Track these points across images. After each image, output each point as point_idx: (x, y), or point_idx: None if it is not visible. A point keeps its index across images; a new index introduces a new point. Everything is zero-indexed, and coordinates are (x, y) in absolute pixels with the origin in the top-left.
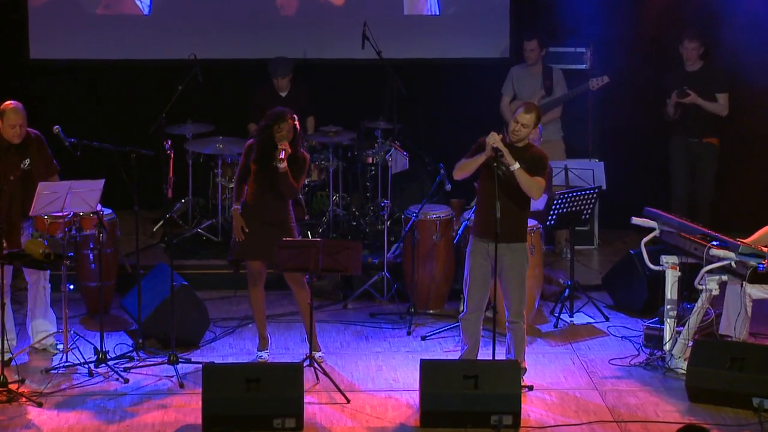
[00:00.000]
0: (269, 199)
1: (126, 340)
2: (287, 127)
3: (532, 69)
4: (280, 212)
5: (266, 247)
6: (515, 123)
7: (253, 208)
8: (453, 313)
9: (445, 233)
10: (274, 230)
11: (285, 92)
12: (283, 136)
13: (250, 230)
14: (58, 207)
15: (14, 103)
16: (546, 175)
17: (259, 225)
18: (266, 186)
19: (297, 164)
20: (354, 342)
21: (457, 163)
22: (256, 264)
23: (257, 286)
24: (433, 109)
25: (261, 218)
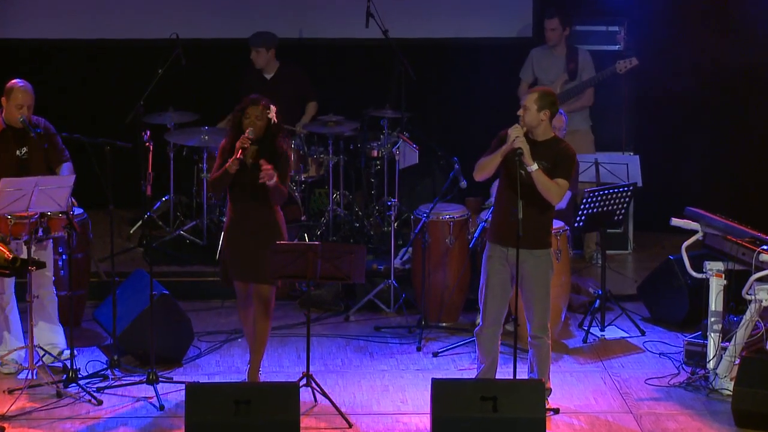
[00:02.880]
0: (251, 205)
1: (99, 356)
2: (255, 113)
3: (555, 51)
4: (267, 217)
5: (253, 264)
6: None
7: (235, 217)
8: (468, 326)
9: (460, 236)
10: (262, 240)
11: (270, 74)
12: (250, 122)
13: (236, 246)
14: (23, 206)
15: (22, 82)
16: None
17: (244, 238)
18: (246, 189)
19: (277, 161)
20: (357, 359)
21: (477, 162)
22: (241, 285)
23: (248, 308)
24: (445, 96)
25: (245, 228)
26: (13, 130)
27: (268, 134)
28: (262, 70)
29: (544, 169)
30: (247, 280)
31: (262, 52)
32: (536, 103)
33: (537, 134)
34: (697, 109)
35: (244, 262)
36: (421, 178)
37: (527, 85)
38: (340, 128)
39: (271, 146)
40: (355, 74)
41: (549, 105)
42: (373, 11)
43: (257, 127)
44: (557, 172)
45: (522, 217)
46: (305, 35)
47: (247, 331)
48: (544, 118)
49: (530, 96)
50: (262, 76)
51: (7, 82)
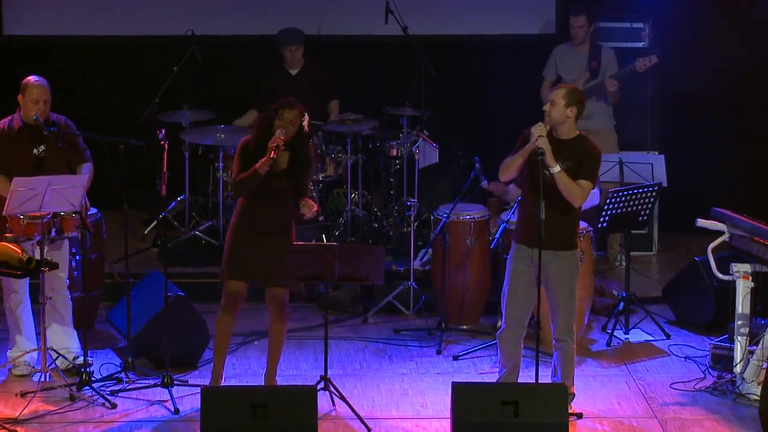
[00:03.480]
0: (269, 206)
1: (113, 358)
2: (291, 116)
3: (578, 48)
4: (282, 219)
5: (268, 267)
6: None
7: (248, 217)
8: (489, 329)
9: (481, 237)
10: (278, 243)
11: (296, 70)
12: (283, 125)
13: (248, 246)
14: (35, 206)
15: (37, 78)
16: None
17: (260, 239)
18: (267, 191)
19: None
20: (375, 362)
21: (502, 163)
22: (237, 285)
23: (231, 314)
24: (466, 94)
25: (258, 229)
26: (30, 128)
27: (298, 141)
28: (287, 67)
29: (567, 169)
30: (259, 281)
31: (300, 49)
32: (564, 98)
33: (561, 132)
34: (724, 107)
35: (257, 264)
36: (441, 177)
37: (550, 84)
38: (358, 127)
39: (302, 154)
40: (374, 72)
41: (576, 102)
42: (393, 7)
43: (289, 131)
44: (581, 173)
45: (545, 217)
46: (323, 32)
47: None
48: (570, 115)
49: (558, 91)
50: (287, 72)
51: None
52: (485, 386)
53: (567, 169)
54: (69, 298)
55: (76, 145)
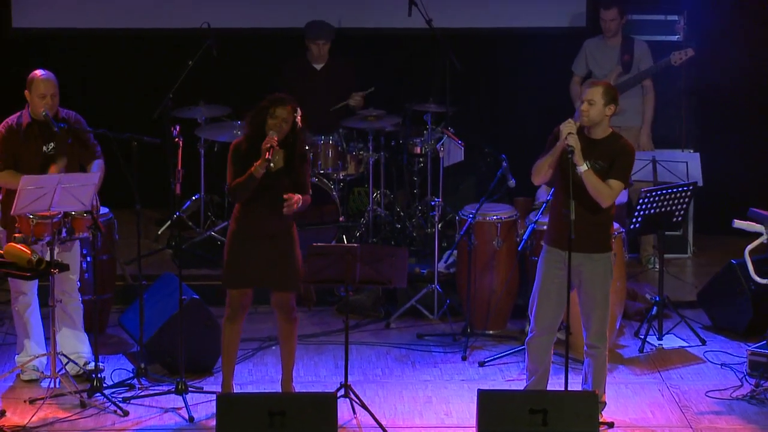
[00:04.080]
0: (269, 208)
1: (125, 364)
2: (284, 114)
3: (610, 41)
4: (283, 220)
5: (273, 271)
6: (582, 102)
7: (245, 220)
8: (517, 334)
9: (508, 238)
10: (281, 246)
11: (320, 65)
12: (275, 124)
13: (250, 251)
14: (44, 205)
15: (44, 72)
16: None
17: (261, 243)
18: (266, 193)
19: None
20: (398, 368)
21: (534, 165)
22: (241, 292)
23: (237, 321)
24: (493, 89)
25: (262, 233)
26: (39, 125)
27: (292, 138)
28: (312, 61)
29: (600, 169)
30: (264, 286)
31: (328, 44)
32: (603, 97)
33: (595, 131)
34: (763, 103)
35: (259, 268)
36: (466, 176)
37: (580, 80)
38: (380, 123)
39: (296, 151)
40: (397, 66)
41: (613, 100)
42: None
43: (282, 130)
44: (612, 173)
45: (575, 218)
46: (345, 24)
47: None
48: (608, 114)
49: (595, 89)
50: (312, 67)
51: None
52: (512, 394)
53: (600, 169)
54: (80, 301)
55: (87, 141)
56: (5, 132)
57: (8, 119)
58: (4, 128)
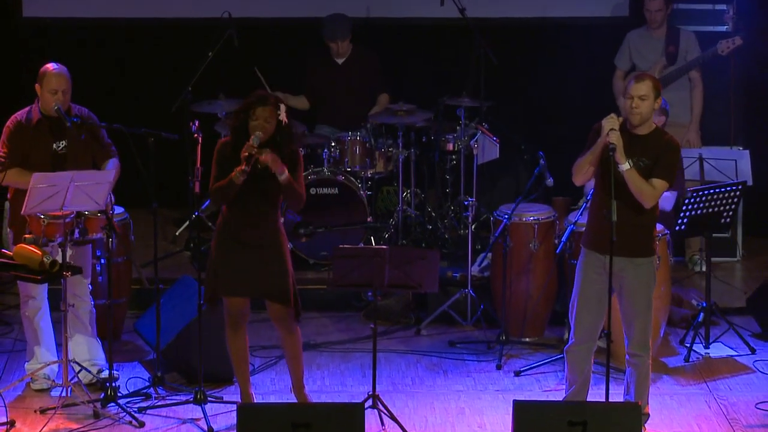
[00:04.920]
0: (256, 212)
1: (141, 372)
2: (264, 114)
3: (655, 33)
4: (268, 230)
5: (250, 277)
6: (631, 99)
7: (231, 226)
8: (555, 342)
9: (546, 240)
10: (270, 252)
11: (343, 59)
12: (257, 125)
13: (229, 256)
14: (57, 204)
15: (56, 65)
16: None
17: (240, 248)
18: (252, 195)
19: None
20: (429, 377)
21: (574, 164)
22: (237, 301)
23: (238, 330)
24: (530, 83)
25: (242, 238)
26: (50, 121)
27: (279, 137)
28: (334, 55)
29: (644, 167)
30: (254, 296)
31: (346, 41)
32: (653, 91)
33: (640, 127)
34: None
35: (249, 277)
36: (502, 174)
37: (623, 74)
38: (411, 118)
39: (284, 150)
40: (428, 58)
41: (659, 93)
42: None
43: (266, 130)
44: (656, 171)
45: (617, 219)
46: (373, 14)
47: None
48: (656, 108)
49: (644, 84)
50: (334, 61)
51: (38, 67)
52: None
53: (643, 167)
54: (93, 305)
55: (101, 138)
56: (13, 128)
57: (17, 114)
58: (12, 123)
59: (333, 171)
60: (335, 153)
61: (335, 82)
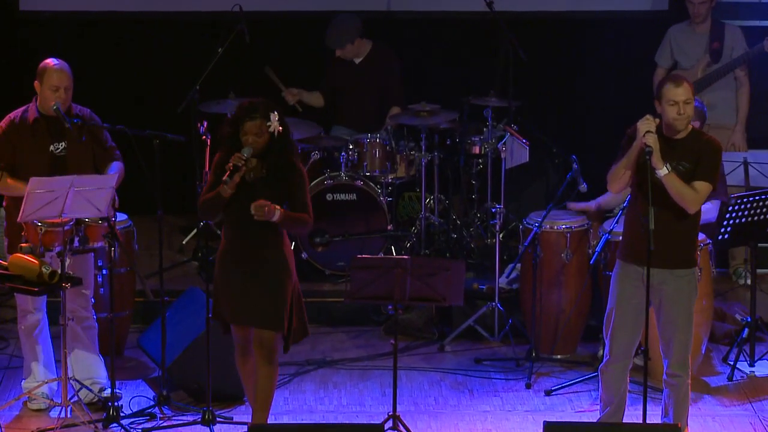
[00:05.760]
0: (253, 227)
1: (145, 391)
2: (254, 129)
3: (698, 28)
4: (270, 248)
5: (253, 305)
6: (676, 105)
7: (230, 245)
8: (588, 359)
9: (579, 250)
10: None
11: (360, 58)
12: (248, 140)
13: (231, 281)
14: (55, 211)
15: (56, 61)
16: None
17: (242, 272)
18: (246, 211)
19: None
20: (454, 397)
21: (609, 172)
22: (238, 327)
23: (247, 354)
24: (562, 82)
25: (243, 259)
26: (47, 120)
27: (274, 147)
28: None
29: (684, 171)
30: (244, 323)
31: (348, 47)
32: (693, 92)
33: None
34: None
35: (241, 302)
36: (532, 179)
37: (665, 72)
38: (434, 119)
39: (279, 159)
40: (453, 55)
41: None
42: None
43: (257, 144)
44: (698, 173)
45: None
46: (394, 7)
47: (248, 379)
48: None
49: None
50: (351, 61)
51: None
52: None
53: (684, 171)
54: (94, 319)
55: (103, 140)
56: (6, 127)
57: (12, 113)
58: (6, 123)
59: (351, 176)
60: (353, 156)
61: (353, 81)
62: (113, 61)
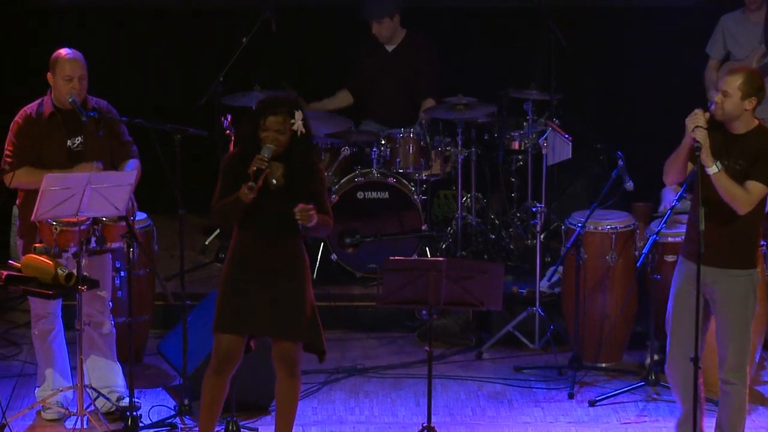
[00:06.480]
0: (271, 236)
1: (165, 399)
2: (276, 125)
3: (752, 16)
4: (285, 256)
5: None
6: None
7: (240, 249)
8: (635, 367)
9: (624, 252)
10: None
11: (393, 45)
12: (268, 136)
13: (247, 289)
14: (71, 209)
15: (70, 51)
16: None
17: (254, 278)
18: (267, 217)
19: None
20: (492, 407)
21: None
22: (230, 340)
23: (222, 374)
24: (607, 73)
25: (258, 266)
26: (63, 114)
27: (296, 148)
28: (381, 39)
29: (741, 170)
30: (262, 333)
31: (386, 22)
32: (741, 88)
33: (736, 125)
34: None
35: (257, 311)
36: (574, 177)
37: (717, 64)
38: (471, 113)
39: (302, 163)
40: (491, 45)
41: (756, 91)
42: None
43: (279, 142)
44: (753, 173)
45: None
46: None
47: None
48: (748, 108)
49: (733, 78)
50: (382, 48)
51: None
52: None
53: (740, 171)
54: (112, 324)
55: (120, 135)
56: (22, 122)
57: (26, 108)
58: (21, 118)
59: (383, 173)
60: (385, 152)
61: (384, 71)
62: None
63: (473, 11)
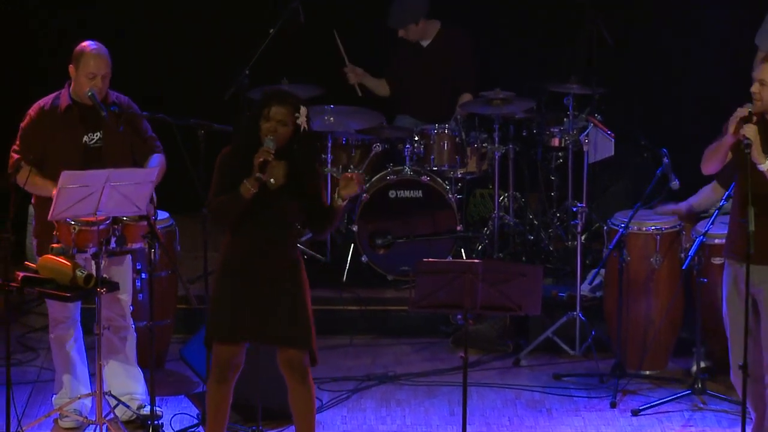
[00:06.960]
0: (268, 237)
1: (188, 407)
2: (279, 115)
3: None
4: (282, 259)
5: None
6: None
7: (235, 252)
8: (680, 375)
9: (670, 254)
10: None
11: (428, 41)
12: (270, 128)
13: (235, 294)
14: (90, 208)
15: (95, 45)
16: None
17: (244, 283)
18: (266, 218)
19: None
20: (530, 417)
21: (706, 150)
22: (229, 350)
23: (224, 383)
24: (652, 67)
25: (248, 271)
26: (81, 109)
27: (296, 147)
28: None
29: None
30: (263, 342)
31: (411, 27)
32: None
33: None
34: None
35: (256, 318)
36: (617, 175)
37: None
38: (509, 108)
39: (303, 162)
40: (530, 37)
41: None
42: None
43: (280, 134)
44: None
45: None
46: None
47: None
48: None
49: None
50: (418, 44)
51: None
52: None
53: None
54: (132, 328)
55: (142, 131)
56: (35, 116)
57: (42, 100)
58: (34, 111)
59: (416, 170)
60: (419, 149)
61: (419, 66)
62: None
63: (512, 2)
